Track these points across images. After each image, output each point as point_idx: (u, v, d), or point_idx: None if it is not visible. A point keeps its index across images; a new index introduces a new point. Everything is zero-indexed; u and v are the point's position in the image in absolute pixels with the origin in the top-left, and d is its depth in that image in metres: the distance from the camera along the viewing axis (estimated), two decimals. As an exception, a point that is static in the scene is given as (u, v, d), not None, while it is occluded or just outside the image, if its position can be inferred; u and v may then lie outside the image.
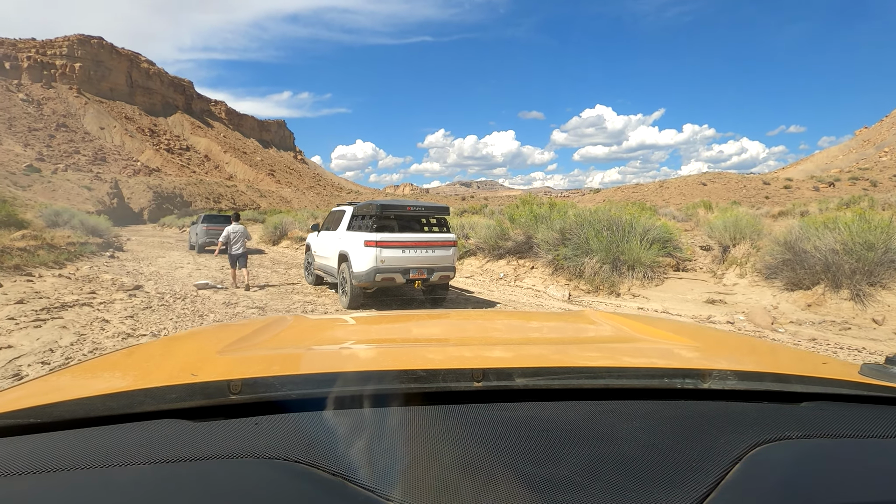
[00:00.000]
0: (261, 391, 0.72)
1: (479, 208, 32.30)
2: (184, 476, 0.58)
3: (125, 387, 0.80)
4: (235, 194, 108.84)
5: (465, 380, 0.76)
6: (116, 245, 19.45)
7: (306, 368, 0.95)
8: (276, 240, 23.45)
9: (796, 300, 7.29)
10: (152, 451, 0.61)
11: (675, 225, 11.30)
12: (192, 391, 0.72)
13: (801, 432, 0.70)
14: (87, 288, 8.72)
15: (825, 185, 58.04)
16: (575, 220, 10.32)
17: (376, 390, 0.74)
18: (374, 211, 7.50)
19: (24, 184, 61.80)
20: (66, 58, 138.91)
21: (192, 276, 11.24)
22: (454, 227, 15.66)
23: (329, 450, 0.62)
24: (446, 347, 1.18)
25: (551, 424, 0.70)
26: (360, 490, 0.55)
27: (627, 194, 60.33)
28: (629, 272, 9.34)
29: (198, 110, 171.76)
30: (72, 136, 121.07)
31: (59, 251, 12.65)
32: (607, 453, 0.64)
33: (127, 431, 0.67)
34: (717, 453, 0.64)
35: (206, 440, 0.64)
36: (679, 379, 0.82)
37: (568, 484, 0.57)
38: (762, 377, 0.84)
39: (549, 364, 0.88)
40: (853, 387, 0.82)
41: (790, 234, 7.83)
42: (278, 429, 0.67)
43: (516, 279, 11.22)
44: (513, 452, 0.63)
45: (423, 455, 0.62)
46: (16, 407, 0.70)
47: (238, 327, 1.50)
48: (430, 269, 7.67)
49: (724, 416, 0.75)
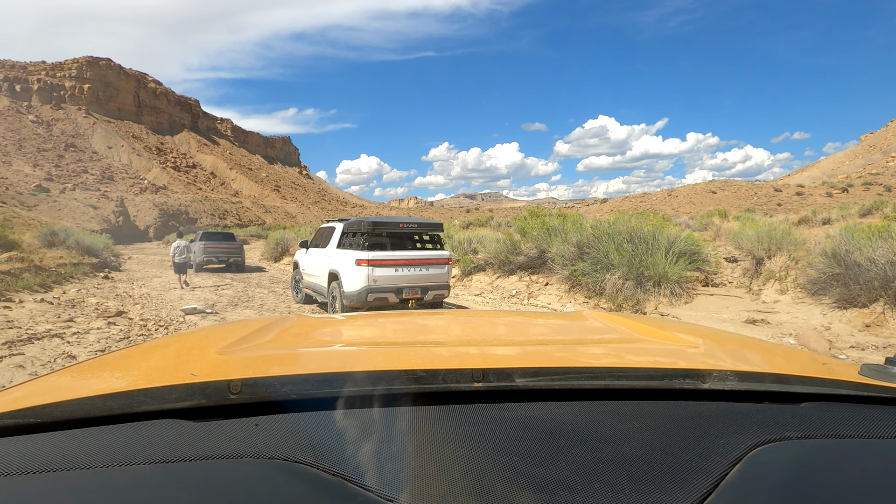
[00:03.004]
0: (260, 391, 0.72)
1: (484, 220, 31.67)
2: (183, 476, 0.58)
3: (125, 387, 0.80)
4: (241, 210, 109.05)
5: (466, 380, 0.75)
6: (113, 265, 18.90)
7: (306, 369, 0.95)
8: (278, 256, 22.84)
9: (851, 320, 6.46)
10: (152, 451, 0.61)
11: (702, 237, 10.50)
12: (192, 391, 0.71)
13: (802, 433, 0.70)
14: (67, 314, 8.06)
15: (838, 191, 56.82)
16: (592, 232, 9.57)
17: (376, 391, 0.73)
18: (366, 228, 7.10)
19: (31, 203, 62.01)
20: (76, 79, 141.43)
21: (183, 298, 10.57)
22: (461, 241, 14.95)
23: (329, 450, 0.61)
24: (446, 347, 1.18)
25: (551, 425, 0.70)
26: (359, 490, 0.55)
27: (635, 204, 59.44)
28: (655, 288, 8.55)
29: (204, 128, 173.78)
30: (80, 156, 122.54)
31: (48, 273, 12.06)
32: (607, 454, 0.63)
33: (126, 431, 0.66)
34: (717, 454, 0.63)
35: (206, 440, 0.64)
36: (679, 379, 0.81)
37: (568, 484, 0.57)
38: (762, 377, 0.83)
39: (549, 364, 0.88)
40: (853, 387, 0.81)
41: (839, 245, 7.02)
42: (278, 429, 0.67)
43: (530, 296, 10.45)
44: (512, 453, 0.62)
45: (424, 455, 0.61)
46: (15, 407, 0.70)
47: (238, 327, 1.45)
48: (425, 288, 7.27)
49: (724, 416, 0.75)
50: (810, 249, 9.06)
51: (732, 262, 10.99)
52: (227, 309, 8.96)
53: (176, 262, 12.54)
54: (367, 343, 1.30)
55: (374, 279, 6.78)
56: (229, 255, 17.71)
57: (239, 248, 18.21)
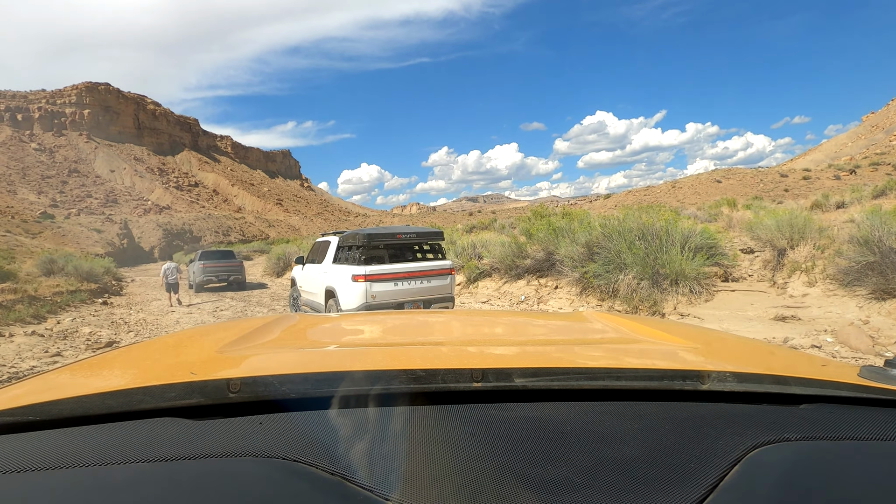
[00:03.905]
0: (259, 390, 0.72)
1: (487, 223, 31.21)
2: (182, 474, 0.58)
3: (124, 385, 0.79)
4: (244, 226, 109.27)
5: (465, 380, 0.75)
6: (113, 289, 18.61)
7: (305, 368, 0.94)
8: (280, 272, 22.49)
9: (891, 312, 5.95)
10: (151, 450, 0.61)
11: (715, 228, 10.00)
12: (191, 390, 0.71)
13: (800, 434, 0.69)
14: (56, 348, 7.70)
15: (846, 173, 55.80)
16: (601, 230, 9.10)
17: (375, 390, 0.73)
18: (361, 241, 6.67)
19: (35, 231, 62.21)
20: (76, 105, 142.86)
21: (179, 322, 10.21)
22: (465, 247, 14.50)
23: (328, 449, 0.62)
24: (446, 347, 1.17)
25: (550, 425, 0.69)
26: (358, 489, 0.55)
27: (639, 197, 58.76)
28: (672, 287, 8.06)
29: (204, 146, 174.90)
30: (83, 181, 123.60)
31: (42, 303, 11.75)
32: (606, 454, 0.63)
33: (125, 430, 0.66)
34: (716, 455, 0.63)
35: (205, 439, 0.64)
36: (678, 380, 0.81)
37: (566, 485, 0.57)
38: (761, 379, 0.83)
39: (549, 364, 0.88)
40: (852, 389, 0.80)
41: (870, 231, 6.51)
42: (277, 428, 0.67)
43: (539, 301, 9.98)
44: (511, 452, 0.62)
45: (423, 455, 0.61)
46: (14, 405, 0.70)
47: (239, 326, 1.42)
48: (427, 301, 6.84)
49: (722, 417, 0.74)
50: (834, 237, 8.54)
51: (749, 253, 10.46)
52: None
53: (168, 283, 13.50)
54: (366, 342, 1.31)
55: (373, 295, 6.37)
56: (229, 274, 17.40)
57: (239, 266, 17.89)
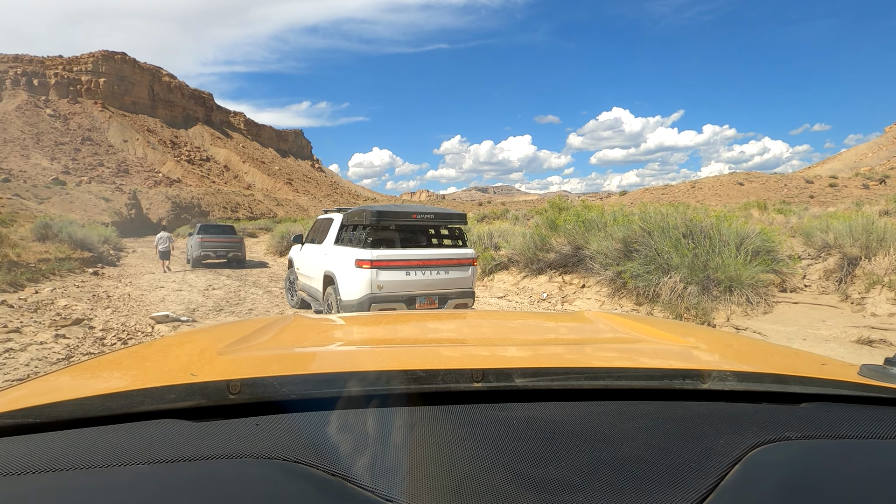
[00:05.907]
0: (260, 391, 0.72)
1: (499, 213, 30.07)
2: (183, 476, 0.58)
3: (124, 387, 0.79)
4: (253, 203, 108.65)
5: (465, 380, 0.75)
6: (110, 259, 17.82)
7: (306, 368, 0.94)
8: (284, 251, 21.57)
9: None
10: (151, 452, 0.61)
11: (776, 229, 8.84)
12: (192, 391, 0.71)
13: (801, 433, 0.69)
14: (18, 322, 6.80)
15: (875, 183, 53.61)
16: (642, 226, 7.99)
17: (376, 391, 0.73)
18: (369, 220, 5.51)
19: (44, 196, 61.90)
20: (91, 73, 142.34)
21: (166, 299, 9.31)
22: (481, 235, 13.41)
23: (328, 450, 0.61)
24: (446, 348, 1.17)
25: (550, 425, 0.69)
26: (359, 490, 0.55)
27: (656, 196, 57.06)
28: (724, 295, 6.97)
29: (217, 122, 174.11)
30: (96, 150, 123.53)
31: (23, 270, 10.92)
32: (607, 454, 0.63)
33: (126, 432, 0.66)
34: (717, 454, 0.63)
35: (206, 440, 0.64)
36: (678, 379, 0.81)
37: (567, 484, 0.57)
38: (761, 378, 0.83)
39: (549, 364, 0.88)
40: (852, 387, 0.80)
41: None
42: (278, 429, 0.66)
43: (564, 301, 8.92)
44: (512, 453, 0.62)
45: (423, 455, 0.61)
46: (14, 407, 0.70)
47: (238, 327, 1.42)
48: (444, 297, 5.71)
49: (723, 416, 0.74)
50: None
51: (798, 260, 9.33)
52: (208, 315, 7.63)
53: (160, 251, 14.88)
54: (366, 343, 1.31)
55: (379, 285, 5.32)
56: (228, 250, 16.49)
57: (239, 242, 16.97)
